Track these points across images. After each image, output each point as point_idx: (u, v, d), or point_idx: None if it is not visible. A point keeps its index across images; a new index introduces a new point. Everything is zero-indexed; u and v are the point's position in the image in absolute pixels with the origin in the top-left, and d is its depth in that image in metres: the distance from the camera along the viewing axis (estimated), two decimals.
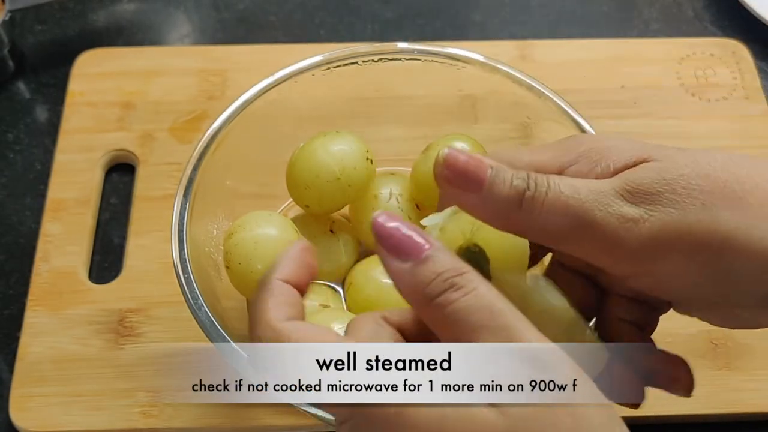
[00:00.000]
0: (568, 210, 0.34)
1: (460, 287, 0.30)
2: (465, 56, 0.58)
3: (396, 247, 0.32)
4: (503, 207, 0.34)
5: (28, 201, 0.68)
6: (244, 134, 0.57)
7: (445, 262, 0.31)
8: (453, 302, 0.30)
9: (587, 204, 0.34)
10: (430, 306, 0.31)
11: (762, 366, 0.60)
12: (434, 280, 0.31)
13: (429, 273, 0.31)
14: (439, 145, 0.57)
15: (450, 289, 0.30)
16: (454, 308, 0.30)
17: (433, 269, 0.31)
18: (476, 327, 0.30)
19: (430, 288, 0.31)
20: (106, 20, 0.79)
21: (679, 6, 0.82)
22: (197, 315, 0.49)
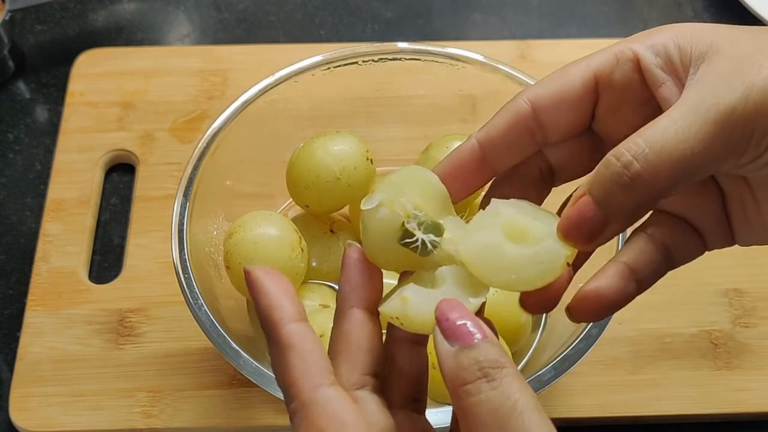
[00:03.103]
0: (674, 159, 0.33)
1: (492, 379, 0.31)
2: (465, 56, 0.58)
3: (448, 330, 0.33)
4: (631, 204, 0.34)
5: (28, 201, 0.68)
6: (244, 134, 0.57)
7: (488, 352, 0.32)
8: (479, 393, 0.31)
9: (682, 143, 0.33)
10: (460, 391, 0.32)
11: (762, 366, 0.60)
12: (471, 367, 0.32)
13: (469, 359, 0.32)
14: (439, 145, 0.57)
15: (482, 379, 0.31)
16: (479, 399, 0.31)
17: (473, 356, 0.32)
18: (491, 425, 0.31)
19: (466, 373, 0.32)
20: (106, 20, 0.79)
21: (679, 6, 0.82)
22: (197, 315, 0.49)
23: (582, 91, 0.37)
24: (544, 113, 0.38)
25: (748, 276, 0.63)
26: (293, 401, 0.33)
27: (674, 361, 0.59)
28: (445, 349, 0.32)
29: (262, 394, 0.49)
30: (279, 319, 0.33)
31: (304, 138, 0.57)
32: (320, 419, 0.32)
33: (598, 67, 0.37)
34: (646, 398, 0.58)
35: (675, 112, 0.33)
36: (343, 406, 0.32)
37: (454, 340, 0.32)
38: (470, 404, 0.31)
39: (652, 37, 0.37)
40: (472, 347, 0.32)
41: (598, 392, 0.58)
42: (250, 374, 0.47)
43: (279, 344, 0.33)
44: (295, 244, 0.53)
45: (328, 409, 0.32)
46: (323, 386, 0.33)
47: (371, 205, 0.36)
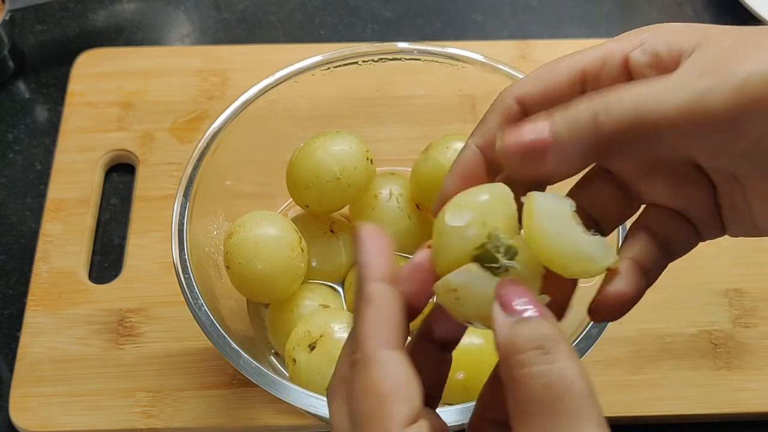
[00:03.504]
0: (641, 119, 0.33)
1: (548, 352, 0.31)
2: (465, 56, 0.58)
3: (507, 303, 0.33)
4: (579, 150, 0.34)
5: (28, 201, 0.68)
6: (244, 134, 0.57)
7: (546, 327, 0.32)
8: (534, 365, 0.31)
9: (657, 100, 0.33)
10: (513, 360, 0.31)
11: (762, 366, 0.60)
12: (528, 336, 0.31)
13: (526, 330, 0.32)
14: (439, 145, 0.57)
15: (538, 350, 0.31)
16: (532, 371, 0.30)
17: (531, 328, 0.32)
18: (542, 400, 0.30)
19: (522, 343, 0.31)
20: (106, 20, 0.79)
21: (679, 6, 0.82)
22: (197, 315, 0.49)
23: (569, 90, 0.37)
24: (533, 111, 0.38)
25: (748, 276, 0.63)
26: (356, 352, 0.33)
27: (674, 361, 0.59)
28: (502, 319, 0.32)
29: (262, 394, 0.49)
30: (368, 275, 0.34)
31: (304, 138, 0.57)
32: (376, 374, 0.32)
33: (585, 65, 0.37)
34: (646, 398, 0.58)
35: (655, 81, 0.34)
36: (401, 372, 0.32)
37: (513, 313, 0.32)
38: (523, 375, 0.30)
39: (640, 36, 0.37)
40: (529, 320, 0.32)
41: (598, 392, 0.58)
42: (250, 374, 0.47)
43: (361, 298, 0.34)
44: (295, 244, 0.53)
45: (385, 368, 0.32)
46: (389, 348, 0.33)
47: (460, 222, 0.36)
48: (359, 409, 0.32)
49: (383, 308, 0.34)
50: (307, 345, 0.51)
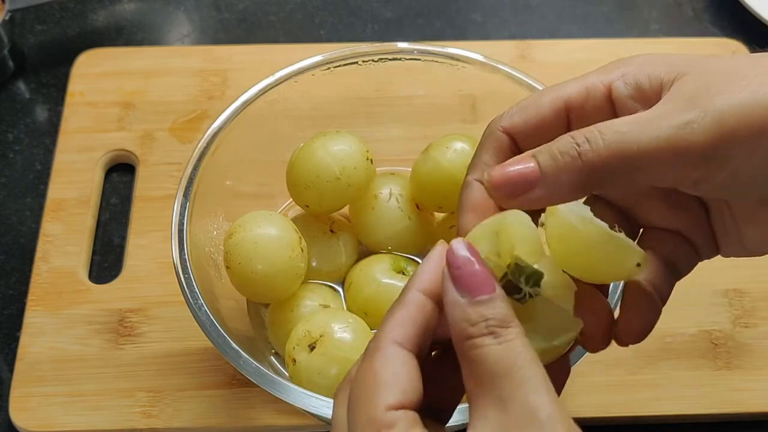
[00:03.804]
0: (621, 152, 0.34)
1: (498, 336, 0.32)
2: (465, 56, 0.58)
3: (459, 279, 0.34)
4: (566, 180, 0.35)
5: (28, 201, 0.68)
6: (244, 134, 0.57)
7: (497, 311, 0.33)
8: (485, 346, 0.32)
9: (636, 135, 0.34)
10: (465, 343, 0.33)
11: (762, 366, 0.60)
12: (479, 323, 0.33)
13: (477, 315, 0.33)
14: (439, 145, 0.57)
15: (488, 336, 0.32)
16: (482, 352, 0.32)
17: (482, 313, 0.33)
18: (493, 373, 0.32)
19: (472, 329, 0.33)
20: (106, 20, 0.79)
21: (679, 6, 0.82)
22: (197, 315, 0.49)
23: (555, 121, 0.38)
24: (522, 142, 0.39)
25: (748, 276, 0.63)
26: (372, 342, 0.35)
27: (674, 361, 0.59)
28: (454, 297, 0.33)
29: (262, 394, 0.49)
30: (414, 283, 0.35)
31: (304, 138, 0.57)
32: (378, 364, 0.33)
33: (569, 98, 0.38)
34: (646, 398, 0.58)
35: (635, 117, 0.35)
36: (403, 368, 0.33)
37: (465, 291, 0.33)
38: (474, 354, 0.32)
39: (622, 68, 0.38)
40: (481, 303, 0.33)
41: (598, 392, 0.58)
42: (250, 374, 0.47)
43: (401, 298, 0.35)
44: (295, 244, 0.53)
45: (390, 361, 0.33)
46: (402, 346, 0.34)
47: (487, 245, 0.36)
48: (356, 388, 0.34)
49: (412, 312, 0.35)
50: (307, 345, 0.51)
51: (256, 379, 0.47)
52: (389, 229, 0.57)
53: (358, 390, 0.33)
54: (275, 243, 0.53)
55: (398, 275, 0.56)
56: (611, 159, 0.34)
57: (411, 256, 0.58)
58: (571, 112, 0.38)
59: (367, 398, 0.33)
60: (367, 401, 0.33)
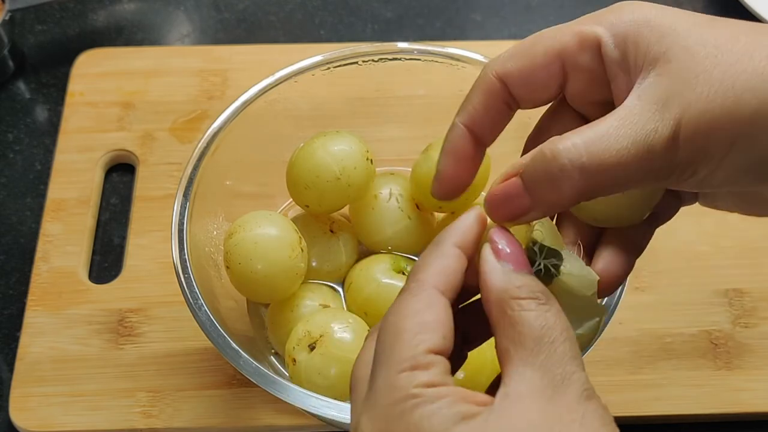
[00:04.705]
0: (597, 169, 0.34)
1: (544, 303, 0.33)
2: (465, 56, 0.58)
3: (502, 252, 0.35)
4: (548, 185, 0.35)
5: (28, 201, 0.68)
6: (244, 134, 0.57)
7: (540, 286, 0.34)
8: (530, 310, 0.33)
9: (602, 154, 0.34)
10: (509, 302, 0.33)
11: (762, 366, 0.60)
12: (524, 287, 0.33)
13: (521, 281, 0.34)
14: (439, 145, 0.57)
15: (533, 300, 0.33)
16: (527, 314, 0.33)
17: (526, 281, 0.34)
18: (540, 337, 0.32)
19: (518, 290, 0.33)
20: (106, 20, 0.79)
21: (679, 6, 0.82)
22: (197, 315, 0.49)
23: (548, 72, 0.38)
24: (515, 90, 0.39)
25: (748, 276, 0.63)
26: (413, 282, 0.35)
27: (674, 361, 0.59)
28: (494, 264, 0.34)
29: (262, 394, 0.49)
30: (454, 237, 0.35)
31: (304, 138, 0.57)
32: (423, 303, 0.34)
33: (562, 49, 0.38)
34: (646, 398, 0.58)
35: (612, 121, 0.35)
36: (447, 315, 0.34)
37: (505, 260, 0.34)
38: (518, 315, 0.33)
39: (616, 20, 0.37)
40: (523, 274, 0.34)
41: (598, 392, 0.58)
42: (250, 374, 0.47)
43: (439, 247, 0.35)
44: (295, 244, 0.53)
45: (436, 305, 0.34)
46: (437, 289, 0.34)
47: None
48: (395, 324, 0.33)
49: (452, 264, 0.35)
50: (307, 345, 0.51)
51: (256, 379, 0.47)
52: (389, 229, 0.57)
53: (399, 324, 0.33)
54: (275, 243, 0.53)
55: (398, 275, 0.56)
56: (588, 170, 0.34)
57: (411, 256, 0.58)
58: (565, 65, 0.38)
59: (409, 335, 0.33)
60: (408, 338, 0.33)
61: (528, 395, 0.31)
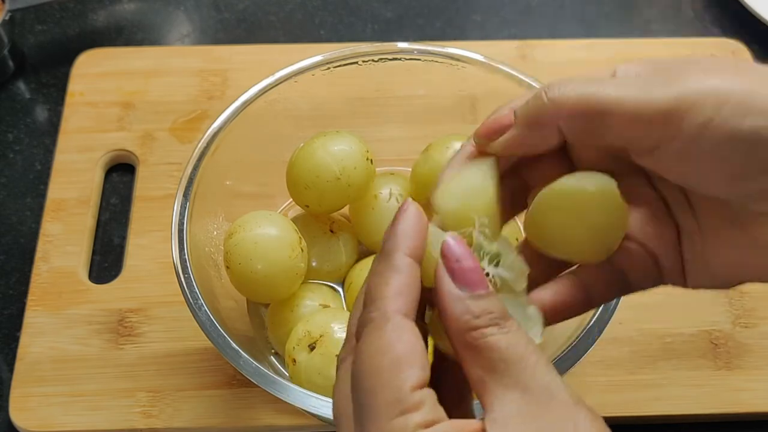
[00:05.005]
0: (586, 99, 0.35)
1: (503, 327, 0.33)
2: (465, 56, 0.58)
3: (458, 273, 0.34)
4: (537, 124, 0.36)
5: (28, 201, 0.68)
6: (244, 134, 0.57)
7: (497, 305, 0.33)
8: (493, 335, 0.33)
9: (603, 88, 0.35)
10: (469, 334, 0.33)
11: (762, 366, 0.60)
12: (483, 316, 0.33)
13: (480, 308, 0.33)
14: (439, 145, 0.57)
15: (493, 326, 0.33)
16: (492, 340, 0.33)
17: (485, 307, 0.33)
18: (507, 359, 0.32)
19: (477, 321, 0.33)
20: (106, 20, 0.79)
21: (679, 6, 0.82)
22: (197, 315, 0.49)
23: None
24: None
25: None
26: (374, 311, 0.33)
27: (674, 361, 0.59)
28: (451, 290, 0.33)
29: (262, 394, 0.49)
30: (402, 245, 0.34)
31: (304, 138, 0.57)
32: (393, 335, 0.33)
33: None
34: (646, 398, 0.58)
35: (606, 78, 0.36)
36: (416, 340, 0.33)
37: (463, 285, 0.33)
38: (483, 343, 0.32)
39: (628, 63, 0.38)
40: (481, 297, 0.33)
41: (598, 392, 0.58)
42: (250, 374, 0.47)
43: (389, 263, 0.34)
44: (295, 244, 0.53)
45: (403, 333, 0.33)
46: (406, 317, 0.33)
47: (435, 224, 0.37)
48: (370, 366, 0.32)
49: (410, 280, 0.34)
50: (307, 345, 0.51)
51: (256, 379, 0.47)
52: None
53: (374, 364, 0.32)
54: (275, 243, 0.53)
55: None
56: (576, 103, 0.35)
57: None
58: None
59: (388, 375, 0.32)
60: (389, 379, 0.32)
61: (516, 415, 0.31)
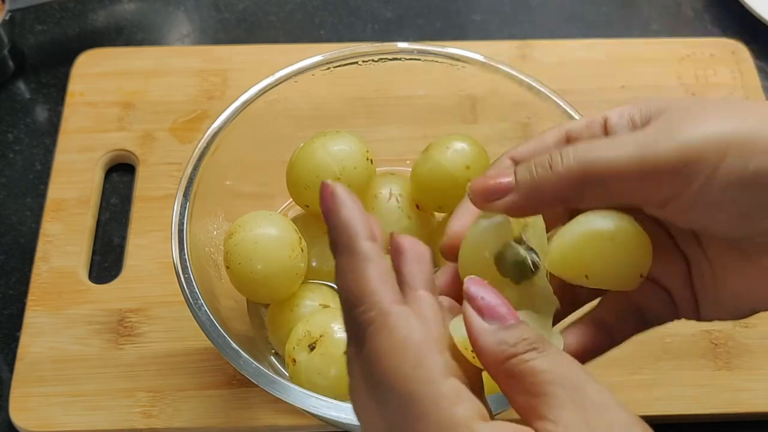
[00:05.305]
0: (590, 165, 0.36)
1: (543, 351, 0.33)
2: (465, 56, 0.58)
3: (487, 308, 0.34)
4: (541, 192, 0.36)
5: (28, 201, 0.68)
6: (244, 134, 0.57)
7: (530, 332, 0.33)
8: (534, 359, 0.32)
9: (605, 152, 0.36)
10: (508, 362, 0.32)
11: (762, 366, 0.60)
12: (519, 343, 0.33)
13: (515, 336, 0.33)
14: (439, 145, 0.57)
15: (532, 351, 0.32)
16: (533, 364, 0.32)
17: (519, 334, 0.33)
18: (550, 381, 0.32)
19: (513, 349, 0.32)
20: (106, 20, 0.79)
21: (679, 6, 0.82)
22: (197, 315, 0.49)
23: (554, 147, 0.39)
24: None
25: None
26: (371, 310, 0.33)
27: (674, 361, 0.59)
28: (481, 324, 0.33)
29: (262, 394, 0.49)
30: (359, 233, 0.34)
31: (304, 138, 0.57)
32: (403, 327, 0.32)
33: (570, 128, 0.40)
34: (646, 398, 0.58)
35: (610, 137, 0.37)
36: (424, 324, 0.33)
37: (491, 318, 0.33)
38: (524, 368, 0.32)
39: (620, 107, 0.39)
40: (513, 326, 0.33)
41: None
42: (250, 374, 0.47)
43: (357, 255, 0.34)
44: (295, 244, 0.53)
45: (411, 321, 0.32)
46: (401, 303, 0.33)
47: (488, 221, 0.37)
48: (390, 367, 0.32)
49: (384, 264, 0.34)
50: (307, 345, 0.51)
51: (256, 379, 0.47)
52: (389, 229, 0.57)
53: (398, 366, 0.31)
54: (275, 243, 0.53)
55: None
56: (580, 172, 0.36)
57: None
58: (570, 139, 0.40)
59: (420, 371, 0.31)
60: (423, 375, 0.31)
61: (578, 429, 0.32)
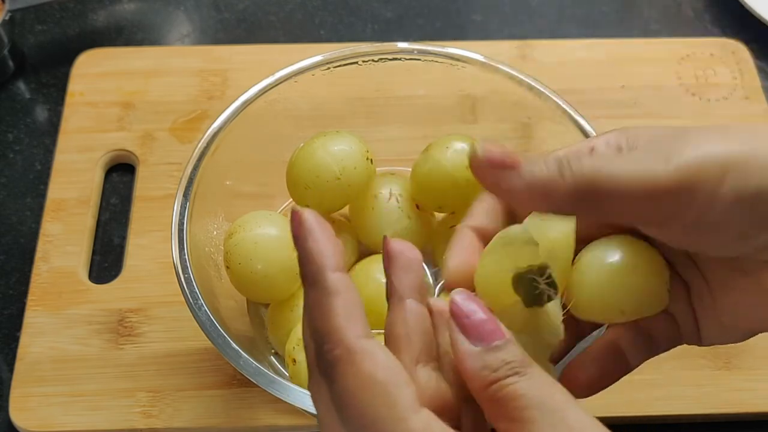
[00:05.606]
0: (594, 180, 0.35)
1: (525, 374, 0.32)
2: (465, 56, 0.58)
3: (470, 328, 0.33)
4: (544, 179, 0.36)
5: (28, 201, 0.68)
6: (244, 134, 0.57)
7: (515, 353, 0.33)
8: (514, 383, 0.32)
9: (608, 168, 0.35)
10: (491, 387, 0.32)
11: (762, 366, 0.60)
12: (501, 368, 0.32)
13: (497, 361, 0.32)
14: (439, 145, 0.57)
15: (513, 375, 0.32)
16: (513, 388, 0.32)
17: (502, 357, 0.32)
18: (528, 406, 0.31)
19: (496, 374, 0.32)
20: (106, 20, 0.79)
21: (679, 6, 0.82)
22: (197, 315, 0.49)
23: None
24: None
25: None
26: (337, 348, 0.32)
27: (674, 361, 0.59)
28: (466, 347, 0.33)
29: (262, 394, 0.49)
30: (326, 264, 0.34)
31: (304, 138, 0.57)
32: (368, 365, 0.32)
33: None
34: (646, 398, 0.58)
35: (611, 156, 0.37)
36: (390, 358, 0.32)
37: (478, 339, 0.33)
38: (505, 393, 0.32)
39: (605, 135, 0.39)
40: (498, 348, 0.33)
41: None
42: (250, 374, 0.47)
43: (324, 289, 0.33)
44: None
45: (376, 358, 0.32)
46: (367, 338, 0.33)
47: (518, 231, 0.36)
48: (359, 406, 0.31)
49: (351, 296, 0.33)
50: None
51: (256, 379, 0.47)
52: (389, 229, 0.57)
53: (366, 404, 0.31)
54: (275, 243, 0.53)
55: None
56: (588, 182, 0.35)
57: None
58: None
59: (387, 409, 0.31)
60: (389, 412, 0.31)
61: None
